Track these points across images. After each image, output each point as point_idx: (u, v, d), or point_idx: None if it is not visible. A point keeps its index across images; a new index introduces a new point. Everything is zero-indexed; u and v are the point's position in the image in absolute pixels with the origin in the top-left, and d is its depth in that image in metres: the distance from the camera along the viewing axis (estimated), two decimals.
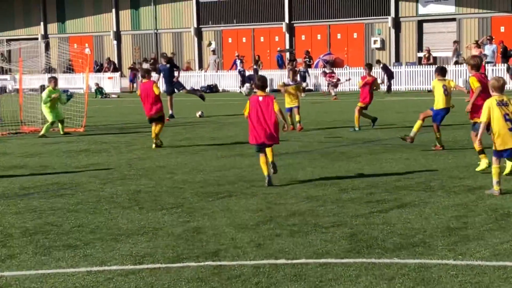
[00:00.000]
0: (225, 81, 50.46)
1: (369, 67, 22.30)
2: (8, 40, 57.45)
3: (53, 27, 62.65)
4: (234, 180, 13.14)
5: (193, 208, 10.70)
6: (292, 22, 53.77)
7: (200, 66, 55.84)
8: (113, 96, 47.33)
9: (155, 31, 58.04)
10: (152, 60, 53.89)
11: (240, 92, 46.10)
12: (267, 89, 13.03)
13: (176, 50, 57.64)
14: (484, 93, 13.31)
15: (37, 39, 58.80)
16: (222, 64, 54.25)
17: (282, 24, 53.70)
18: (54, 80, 22.77)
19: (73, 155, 17.24)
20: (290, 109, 22.14)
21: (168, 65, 28.53)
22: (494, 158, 11.32)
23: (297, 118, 21.91)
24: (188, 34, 57.49)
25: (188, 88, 34.09)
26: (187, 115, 28.38)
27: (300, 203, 10.89)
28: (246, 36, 55.31)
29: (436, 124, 16.39)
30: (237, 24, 55.43)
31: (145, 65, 55.37)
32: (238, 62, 49.42)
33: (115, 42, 60.25)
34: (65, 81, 47.47)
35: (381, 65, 44.03)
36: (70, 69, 43.15)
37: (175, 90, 28.44)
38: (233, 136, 20.60)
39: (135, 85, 53.88)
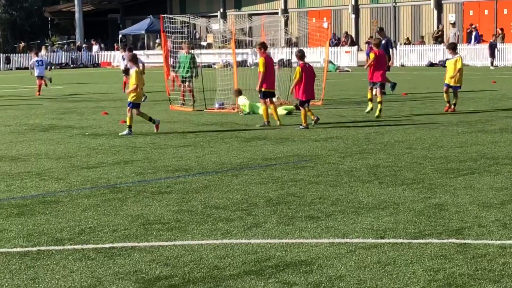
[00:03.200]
0: (465, 55, 49.00)
1: None
2: (250, 15, 59.21)
3: (292, 2, 63.79)
4: (476, 157, 12.77)
5: (434, 184, 10.52)
6: None
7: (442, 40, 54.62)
8: (346, 69, 47.38)
9: (394, 4, 57.41)
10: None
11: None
12: None
13: (414, 24, 56.84)
14: None
15: (277, 13, 60.13)
16: (462, 37, 52.76)
17: None
18: None
19: (311, 128, 17.49)
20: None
21: (383, 41, 28.25)
22: None
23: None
24: (428, 7, 56.40)
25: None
26: (424, 90, 27.90)
27: None
28: (489, 8, 53.33)
29: None
30: None
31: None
32: (473, 34, 47.99)
33: (353, 15, 60.35)
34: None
35: None
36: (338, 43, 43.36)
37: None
38: (474, 113, 20.01)
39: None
